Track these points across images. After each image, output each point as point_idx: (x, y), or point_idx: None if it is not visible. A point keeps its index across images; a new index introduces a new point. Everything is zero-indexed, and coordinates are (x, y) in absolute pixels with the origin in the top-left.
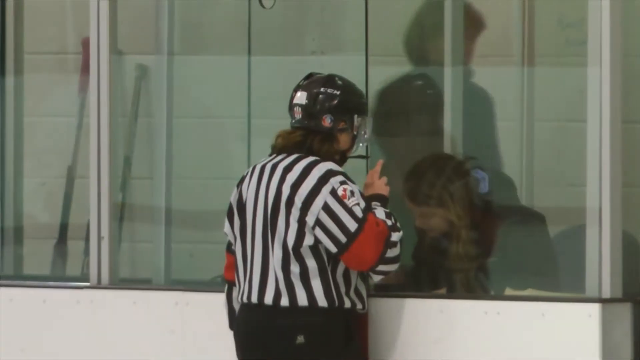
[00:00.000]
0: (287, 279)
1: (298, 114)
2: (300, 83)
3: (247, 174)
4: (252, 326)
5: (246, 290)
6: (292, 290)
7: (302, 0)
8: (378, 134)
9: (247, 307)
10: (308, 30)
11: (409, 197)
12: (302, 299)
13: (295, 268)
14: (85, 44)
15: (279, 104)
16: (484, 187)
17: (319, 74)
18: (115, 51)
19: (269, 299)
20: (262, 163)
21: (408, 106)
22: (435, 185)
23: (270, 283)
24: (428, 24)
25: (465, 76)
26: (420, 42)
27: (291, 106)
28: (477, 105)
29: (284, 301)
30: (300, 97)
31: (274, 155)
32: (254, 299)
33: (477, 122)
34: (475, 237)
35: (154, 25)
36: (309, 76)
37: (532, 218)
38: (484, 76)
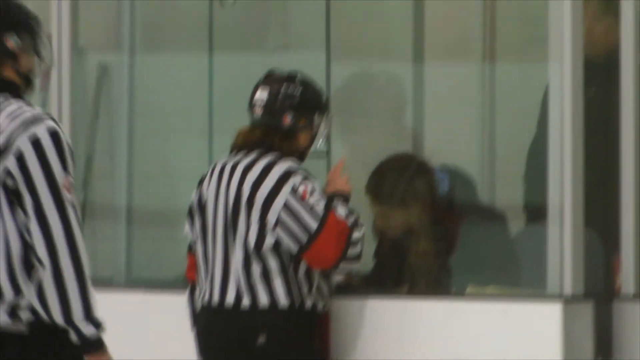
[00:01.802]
0: (249, 279)
1: (258, 111)
2: (261, 80)
3: (207, 173)
4: (213, 327)
5: (208, 291)
6: (253, 290)
7: None
8: (340, 131)
9: (208, 308)
10: (270, 27)
11: (371, 196)
12: (264, 300)
13: (256, 268)
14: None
15: (241, 101)
16: (444, 186)
17: (280, 71)
18: (77, 49)
19: (230, 300)
20: (222, 162)
21: (370, 103)
22: (398, 185)
23: (231, 284)
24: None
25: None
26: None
27: (251, 104)
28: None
29: (246, 302)
30: (261, 95)
31: (234, 153)
32: (216, 300)
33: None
34: (437, 234)
35: (116, 23)
36: (270, 73)
37: (493, 216)
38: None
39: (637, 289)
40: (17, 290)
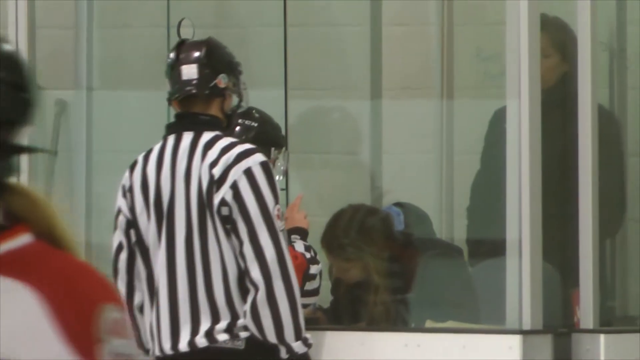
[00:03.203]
0: None
1: None
2: None
3: None
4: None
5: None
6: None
7: (221, 33)
8: (297, 167)
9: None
10: None
11: (326, 249)
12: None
13: None
14: None
15: None
16: (398, 224)
17: None
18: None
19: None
20: None
21: (327, 139)
22: (350, 233)
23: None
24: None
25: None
26: None
27: None
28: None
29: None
30: None
31: None
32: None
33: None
34: (394, 271)
35: (73, 60)
36: None
37: (450, 251)
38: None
39: (596, 323)
40: (233, 311)
